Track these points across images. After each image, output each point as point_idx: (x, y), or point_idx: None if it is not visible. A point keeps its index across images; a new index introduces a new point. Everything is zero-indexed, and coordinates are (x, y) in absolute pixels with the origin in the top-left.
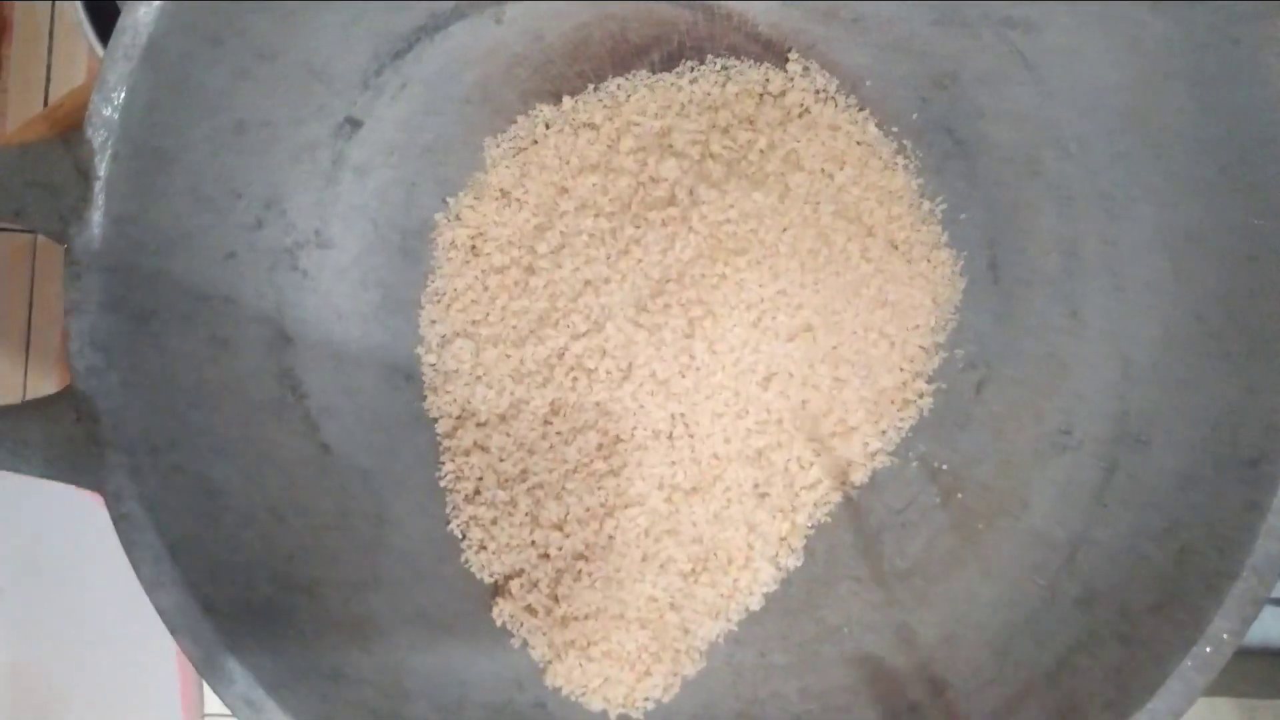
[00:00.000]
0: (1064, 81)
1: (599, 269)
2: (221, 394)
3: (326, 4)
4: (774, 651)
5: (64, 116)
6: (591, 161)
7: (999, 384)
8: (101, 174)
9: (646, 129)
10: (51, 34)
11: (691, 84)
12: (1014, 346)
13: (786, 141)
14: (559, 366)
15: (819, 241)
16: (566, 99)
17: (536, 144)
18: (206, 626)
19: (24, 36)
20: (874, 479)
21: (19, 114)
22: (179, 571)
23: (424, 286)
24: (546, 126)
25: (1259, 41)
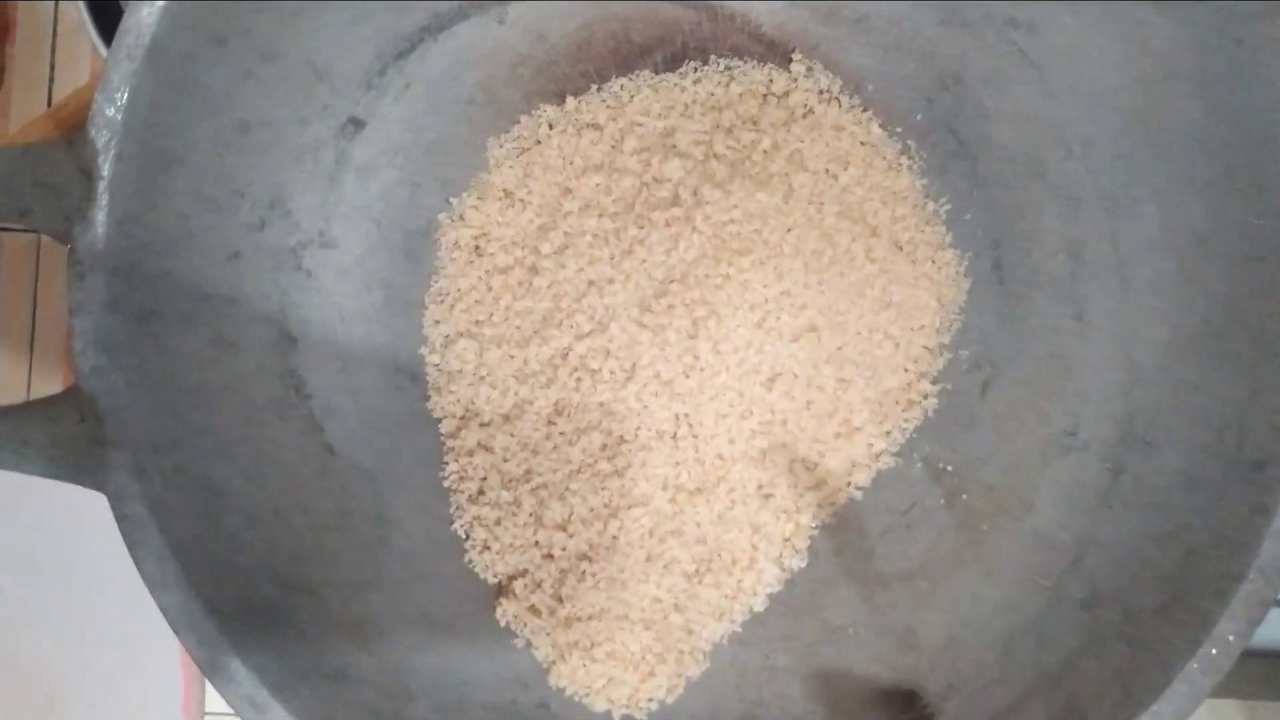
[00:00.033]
0: (1068, 82)
1: (603, 269)
2: (224, 394)
3: (329, 4)
4: (778, 653)
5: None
6: (595, 162)
7: (1004, 385)
8: (105, 174)
9: (650, 129)
10: (55, 34)
11: (695, 84)
12: (1019, 348)
13: (790, 142)
14: (563, 367)
15: (823, 242)
16: (570, 99)
17: (540, 144)
18: (209, 626)
19: (27, 36)
20: (878, 480)
21: (22, 114)
22: (182, 571)
23: (428, 287)
24: (550, 127)
25: (1262, 42)
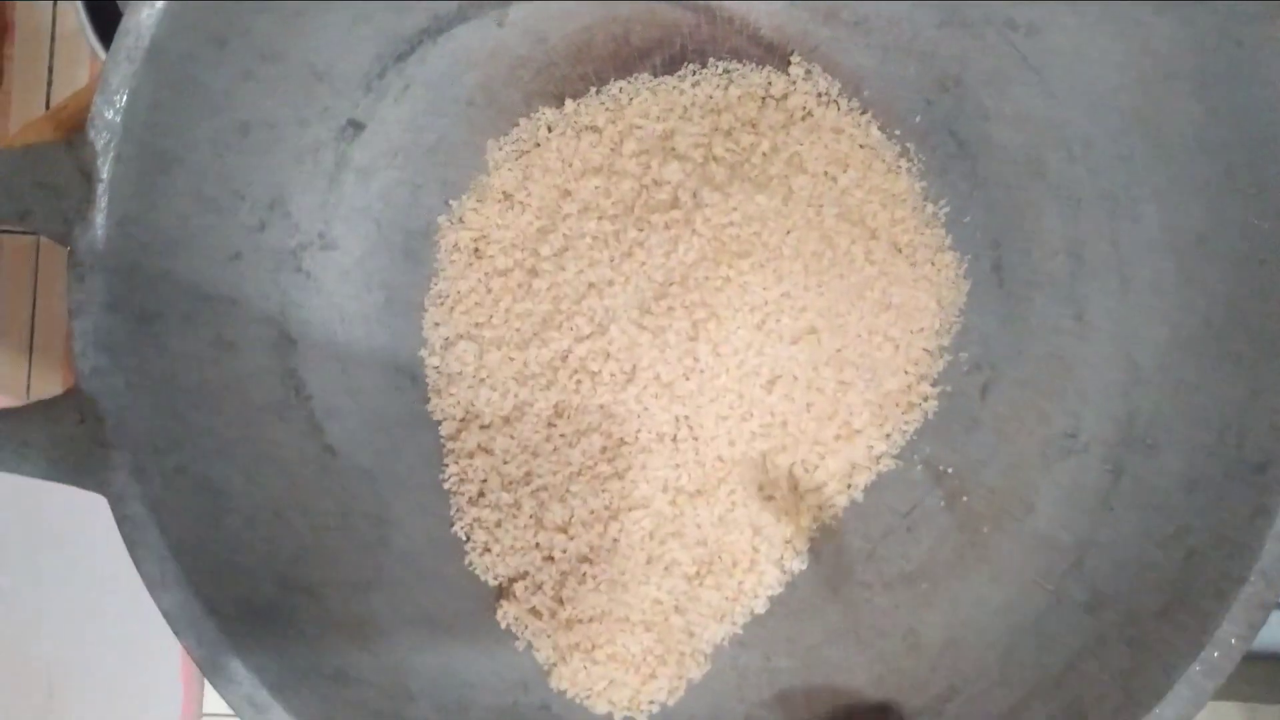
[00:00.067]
0: (1068, 83)
1: (602, 271)
2: (225, 395)
3: (330, 5)
4: (779, 655)
5: (68, 118)
6: (594, 164)
7: (1004, 387)
8: (104, 176)
9: (649, 132)
10: (53, 35)
11: (694, 87)
12: (1019, 349)
13: (789, 144)
14: (563, 369)
15: (822, 244)
16: (569, 102)
17: (539, 146)
18: (210, 627)
19: (25, 38)
20: (879, 482)
21: (21, 115)
22: (182, 572)
23: (427, 288)
24: (549, 129)
25: (1262, 42)
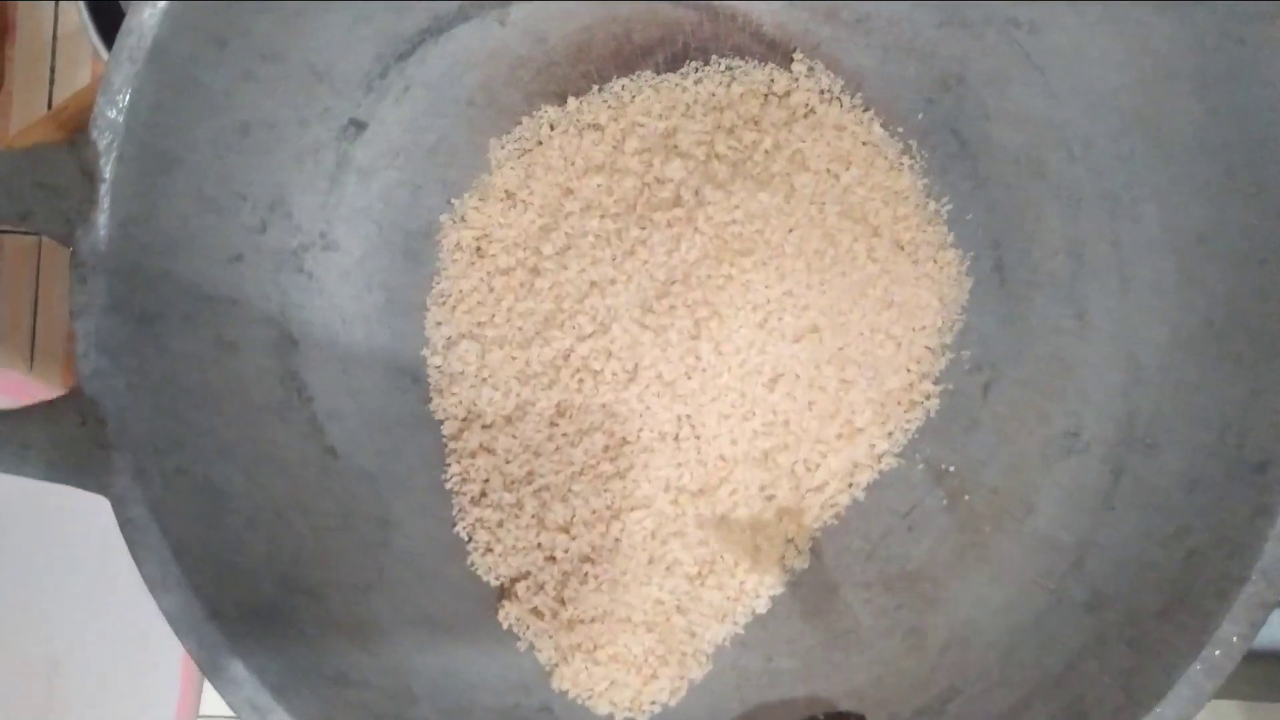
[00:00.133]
0: (1069, 82)
1: (604, 270)
2: (226, 396)
3: (330, 5)
4: (780, 656)
5: (69, 119)
6: (596, 162)
7: (1005, 386)
8: (107, 176)
9: (651, 130)
10: (55, 36)
11: (696, 84)
12: (1020, 348)
13: (792, 142)
14: (565, 368)
15: (825, 242)
16: (571, 100)
17: (541, 145)
18: (211, 629)
19: (27, 38)
20: (880, 481)
21: (23, 115)
22: (184, 574)
23: (429, 288)
24: (551, 128)
25: (1262, 42)
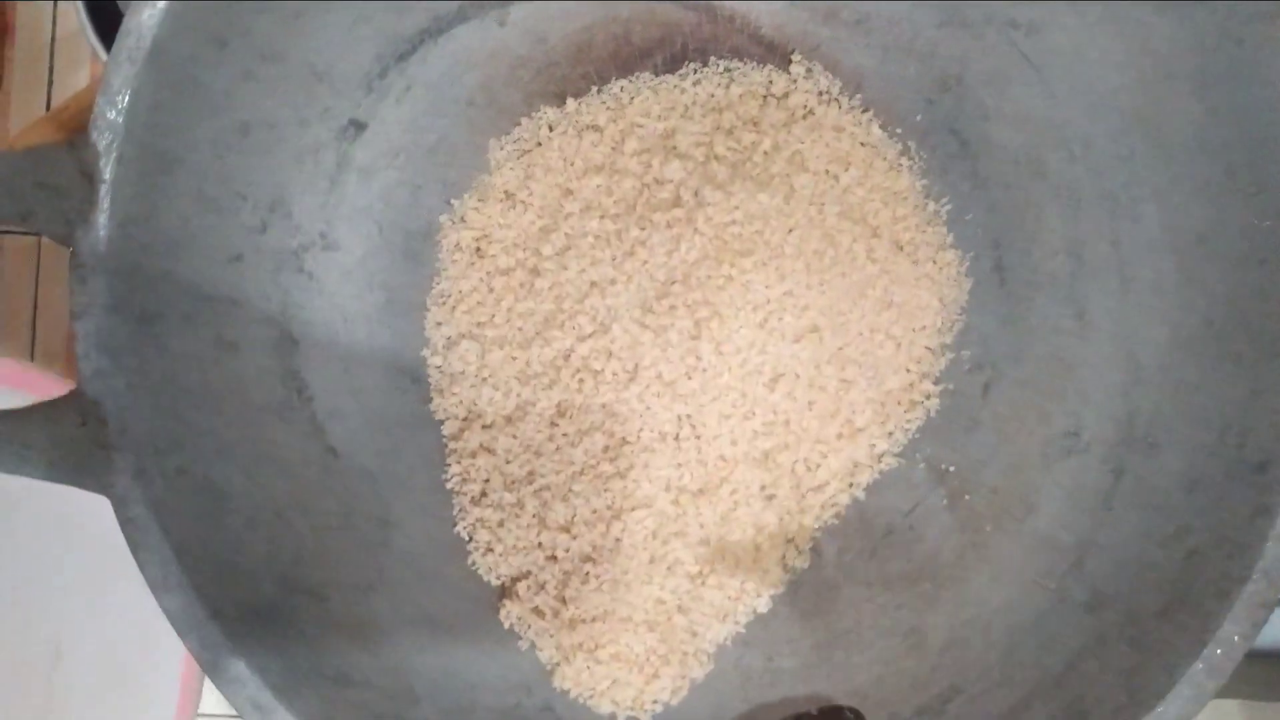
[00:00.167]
0: (1069, 83)
1: (604, 270)
2: (226, 396)
3: (330, 5)
4: (781, 655)
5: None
6: (596, 163)
7: (1006, 386)
8: (106, 177)
9: (650, 131)
10: (53, 36)
11: (695, 86)
12: (1020, 348)
13: (791, 143)
14: (565, 368)
15: (824, 243)
16: (570, 101)
17: (541, 146)
18: (213, 628)
19: (26, 38)
20: (881, 481)
21: (21, 116)
22: (185, 574)
23: (429, 288)
24: (550, 128)
25: (1262, 42)
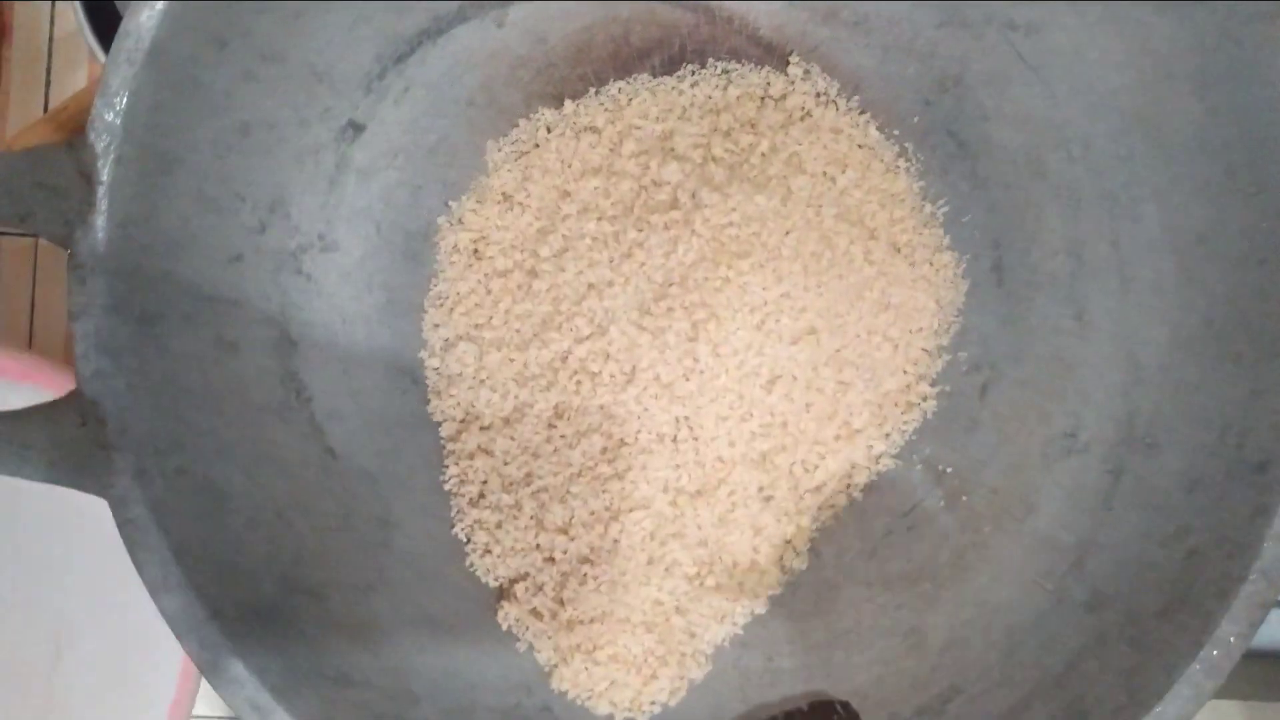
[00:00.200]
0: (1068, 84)
1: (602, 272)
2: (226, 397)
3: (330, 5)
4: (781, 655)
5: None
6: (593, 165)
7: (1004, 386)
8: (105, 178)
9: (648, 132)
10: (51, 37)
11: (693, 87)
12: (1019, 349)
13: (788, 145)
14: (563, 370)
15: (821, 244)
16: (568, 102)
17: (538, 147)
18: (212, 630)
19: (23, 39)
20: (879, 482)
21: (19, 117)
22: (184, 575)
23: (428, 290)
24: (548, 130)
25: (1262, 42)
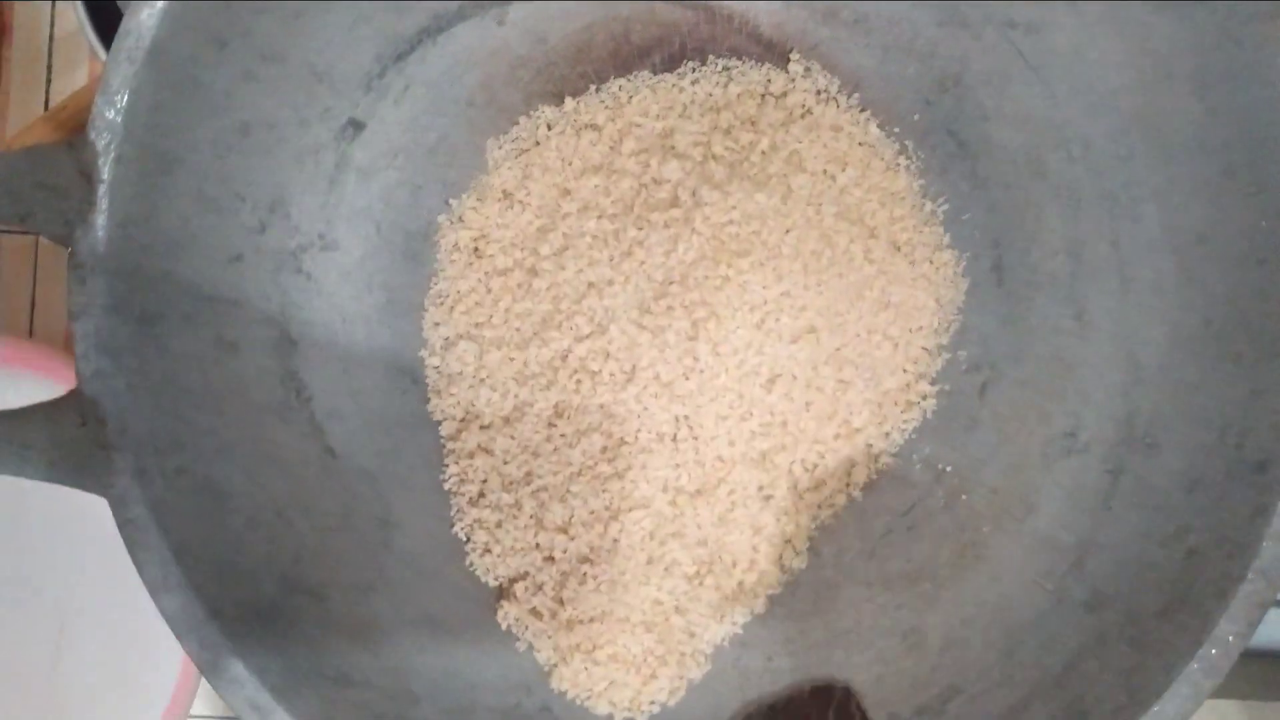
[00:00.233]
0: (1068, 83)
1: (602, 271)
2: (226, 396)
3: (330, 5)
4: (780, 655)
5: (67, 119)
6: (594, 163)
7: (1004, 386)
8: (105, 177)
9: (648, 130)
10: (51, 36)
11: (693, 85)
12: (1019, 348)
13: (789, 143)
14: (563, 369)
15: (821, 243)
16: (569, 100)
17: (539, 145)
18: (212, 630)
19: (24, 38)
20: (878, 481)
21: (20, 116)
22: (184, 575)
23: (428, 289)
24: (549, 128)
25: (1262, 42)
